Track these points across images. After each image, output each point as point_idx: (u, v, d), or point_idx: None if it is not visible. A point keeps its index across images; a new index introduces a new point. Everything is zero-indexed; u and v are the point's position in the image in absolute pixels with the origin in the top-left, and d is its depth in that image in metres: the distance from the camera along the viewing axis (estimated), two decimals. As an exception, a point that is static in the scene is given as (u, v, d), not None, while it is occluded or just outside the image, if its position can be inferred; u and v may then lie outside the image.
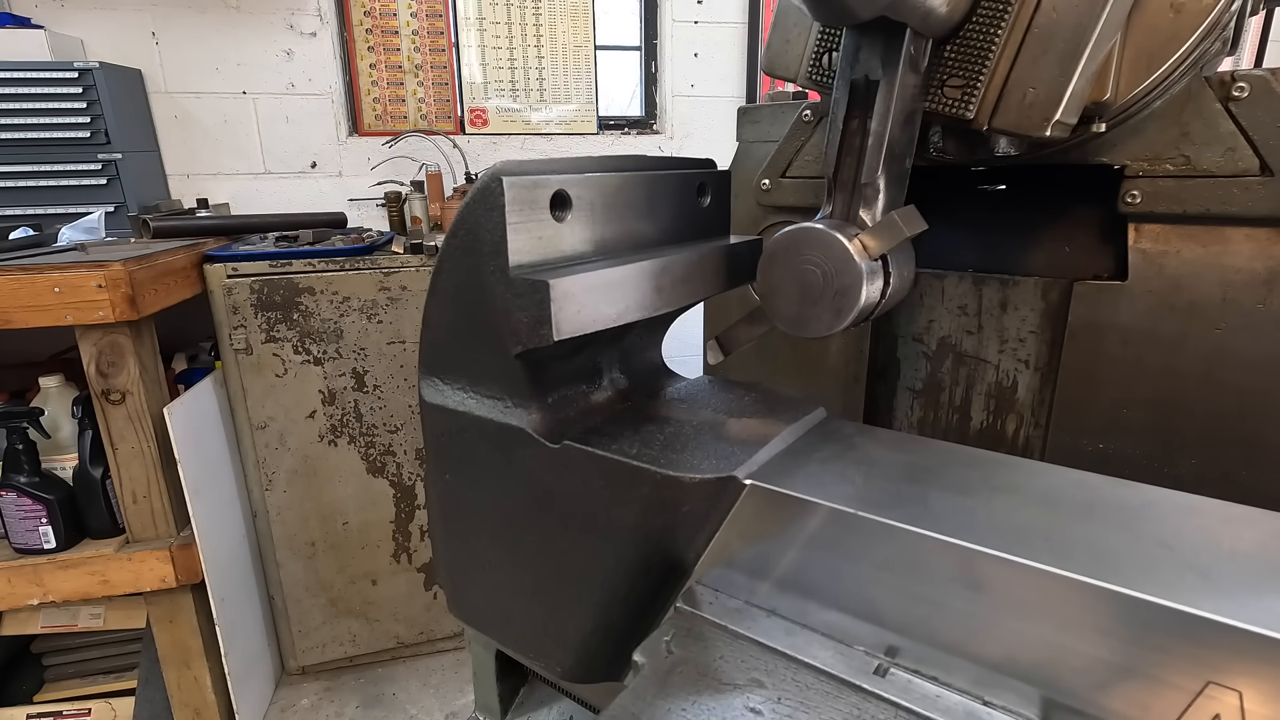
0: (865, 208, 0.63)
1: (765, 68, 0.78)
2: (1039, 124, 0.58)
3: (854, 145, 0.63)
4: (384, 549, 2.22)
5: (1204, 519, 0.48)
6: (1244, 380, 0.67)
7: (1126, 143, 0.69)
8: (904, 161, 0.64)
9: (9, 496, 1.60)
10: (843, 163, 0.64)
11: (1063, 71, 0.57)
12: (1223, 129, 0.65)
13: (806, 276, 0.62)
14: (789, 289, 0.64)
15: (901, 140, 0.63)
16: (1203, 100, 0.66)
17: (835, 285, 0.61)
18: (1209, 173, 0.66)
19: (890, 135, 0.61)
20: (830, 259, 0.61)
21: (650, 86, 3.24)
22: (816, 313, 0.62)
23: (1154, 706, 0.39)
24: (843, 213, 0.64)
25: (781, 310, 0.65)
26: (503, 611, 0.71)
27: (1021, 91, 0.59)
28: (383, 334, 2.04)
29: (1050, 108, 0.58)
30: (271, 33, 2.72)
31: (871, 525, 0.48)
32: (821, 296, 0.62)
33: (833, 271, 0.61)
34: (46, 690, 1.88)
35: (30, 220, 2.15)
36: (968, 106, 0.62)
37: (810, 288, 0.62)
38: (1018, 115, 0.59)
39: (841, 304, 0.61)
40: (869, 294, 0.61)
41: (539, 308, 0.54)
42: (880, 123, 0.61)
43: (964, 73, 0.61)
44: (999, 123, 0.60)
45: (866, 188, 0.62)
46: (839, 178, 0.64)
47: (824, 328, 0.63)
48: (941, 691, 0.46)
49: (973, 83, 0.61)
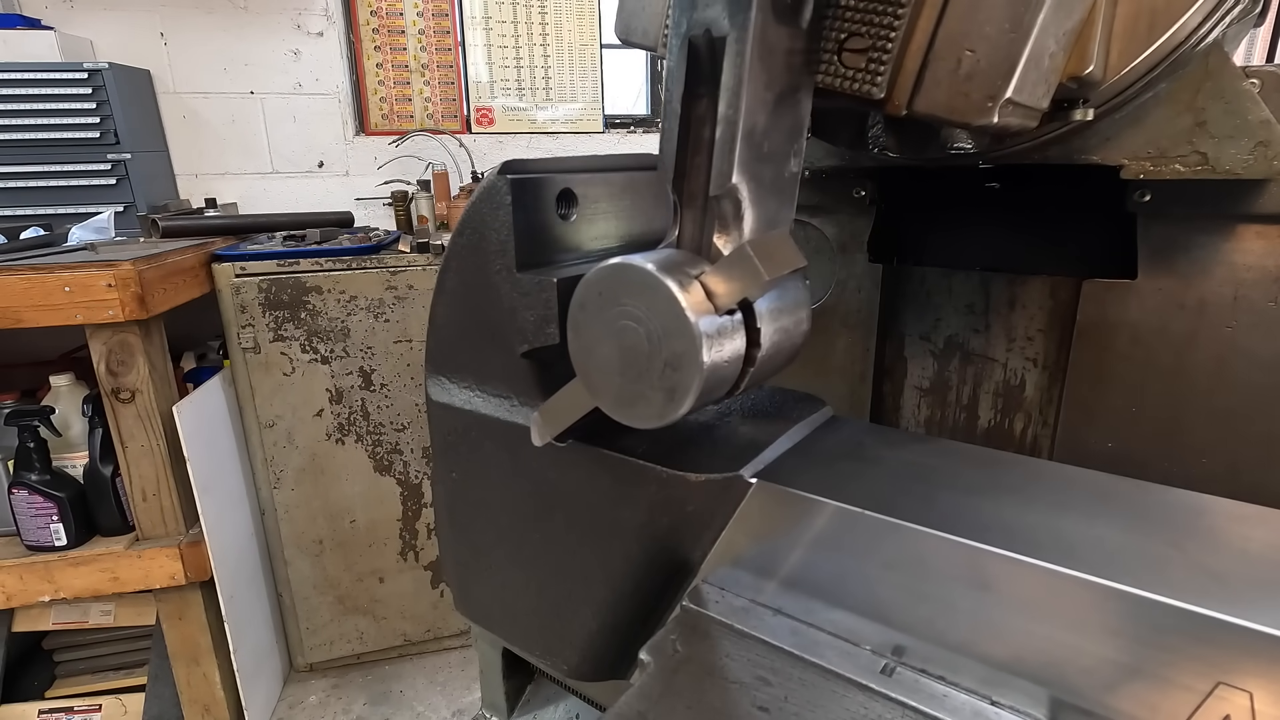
0: (722, 231, 0.44)
1: (619, 33, 0.62)
2: (980, 105, 0.40)
3: (702, 138, 0.44)
4: (391, 547, 2.23)
5: (1214, 518, 0.48)
6: (1255, 379, 0.66)
7: (1123, 135, 0.56)
8: (784, 161, 0.45)
9: (20, 494, 1.62)
10: (688, 165, 0.45)
11: (1014, 24, 0.38)
12: (1251, 117, 0.51)
13: (627, 337, 0.43)
14: (607, 356, 0.45)
15: (774, 130, 0.43)
16: (1224, 78, 0.50)
17: (664, 353, 0.42)
18: (1232, 174, 0.53)
19: (748, 123, 0.41)
20: (655, 313, 0.41)
21: (656, 85, 3.24)
22: (642, 391, 0.44)
23: (1163, 707, 0.39)
24: (692, 239, 0.45)
25: (599, 386, 0.47)
26: (509, 609, 0.72)
27: (954, 56, 0.40)
28: (389, 333, 2.05)
29: (997, 80, 0.40)
30: (279, 33, 2.73)
31: (878, 524, 0.48)
32: (648, 369, 0.43)
33: (659, 332, 0.42)
34: (58, 686, 1.90)
35: (41, 220, 2.17)
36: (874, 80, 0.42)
37: (634, 355, 0.43)
38: (950, 93, 0.41)
39: (674, 381, 0.42)
40: (716, 365, 0.42)
41: (545, 306, 0.54)
42: (731, 103, 0.41)
43: (868, 29, 0.42)
44: (923, 105, 0.42)
45: (721, 201, 0.43)
46: (685, 187, 0.45)
47: (654, 414, 0.44)
48: (949, 691, 0.46)
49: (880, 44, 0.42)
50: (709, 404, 0.47)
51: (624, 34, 0.61)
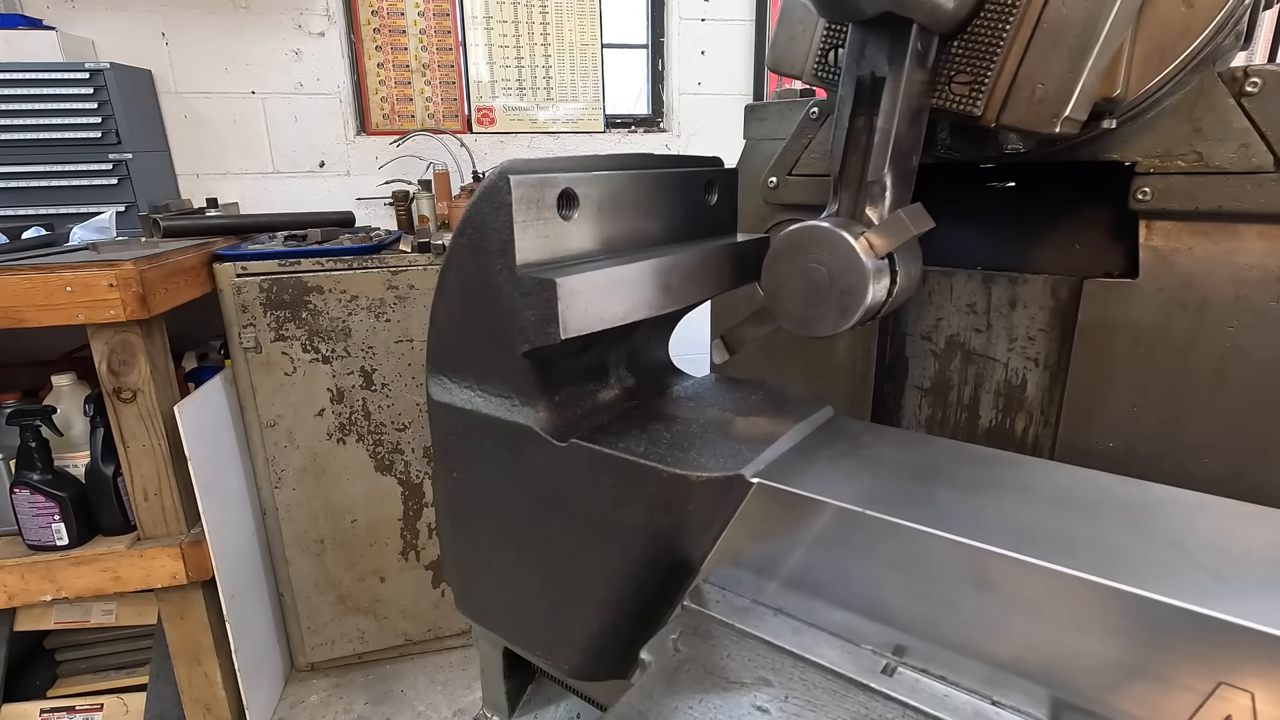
0: (871, 206, 0.63)
1: (771, 64, 0.78)
2: (1048, 120, 0.58)
3: (860, 143, 0.63)
4: (392, 547, 2.23)
5: (1216, 518, 0.48)
6: (1257, 379, 0.66)
7: (1137, 139, 0.69)
8: (910, 159, 0.64)
9: (22, 494, 1.62)
10: (848, 161, 0.64)
11: (1072, 67, 0.56)
12: (1236, 125, 0.64)
13: (812, 275, 0.62)
14: (794, 288, 0.63)
15: (908, 138, 0.62)
16: (1215, 95, 0.65)
17: (841, 284, 0.60)
18: (1221, 169, 0.65)
19: (896, 133, 0.60)
20: (836, 258, 0.60)
21: (657, 84, 3.24)
22: (822, 311, 0.62)
23: (1165, 707, 0.39)
24: (849, 211, 0.64)
25: (787, 309, 0.64)
26: (510, 609, 0.72)
27: (1030, 88, 0.58)
28: (390, 332, 2.05)
29: (1060, 104, 0.57)
30: (280, 33, 2.73)
31: (879, 524, 0.48)
32: (827, 295, 0.61)
33: (838, 270, 0.60)
34: (59, 685, 1.90)
35: (42, 220, 2.17)
36: (975, 103, 0.61)
37: (816, 287, 0.62)
38: (1026, 112, 0.59)
39: (847, 303, 0.61)
40: (875, 293, 0.61)
41: (546, 306, 0.54)
42: (886, 120, 0.60)
43: (971, 69, 0.61)
44: (1007, 119, 0.60)
45: (873, 186, 0.62)
46: (845, 176, 0.64)
47: (829, 327, 0.62)
48: (950, 691, 0.46)
49: (980, 79, 0.61)
50: (866, 321, 0.63)
51: (774, 65, 0.78)
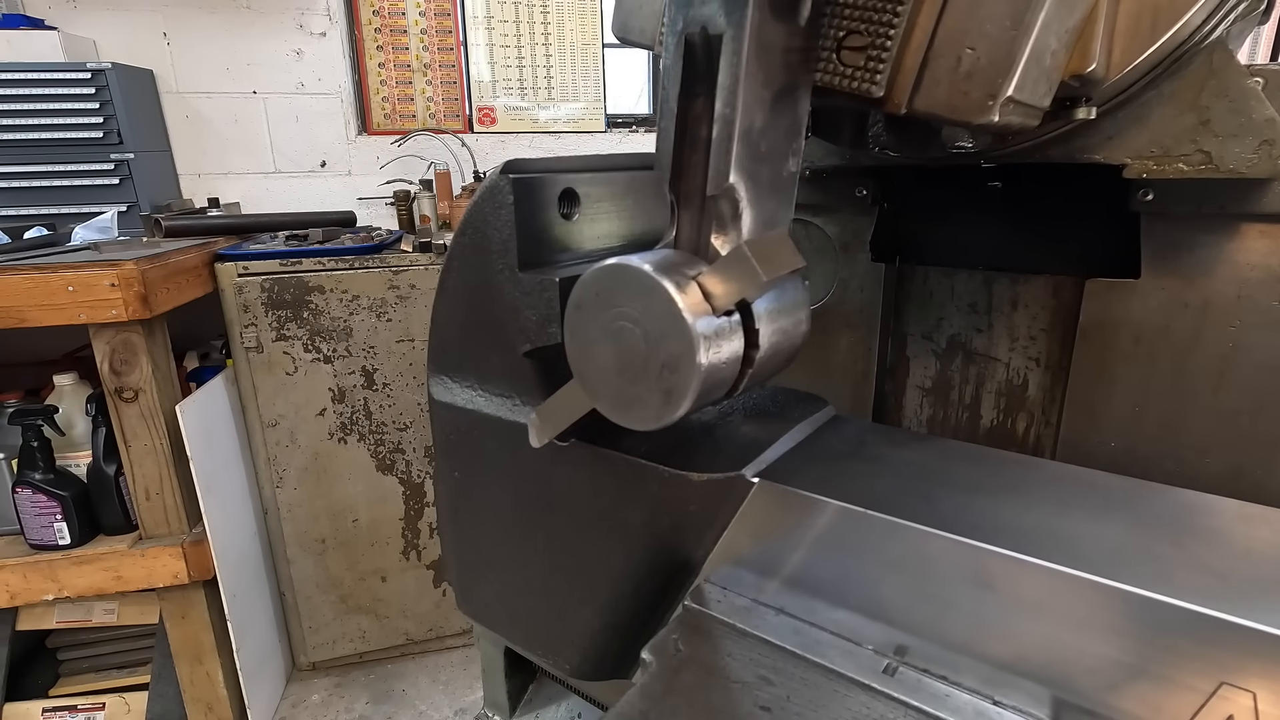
0: (719, 232, 0.44)
1: (616, 31, 0.62)
2: (980, 104, 0.40)
3: (699, 138, 0.43)
4: (393, 546, 2.23)
5: (1218, 518, 0.48)
6: (1259, 378, 0.66)
7: (1126, 134, 0.56)
8: (781, 162, 0.45)
9: (24, 493, 1.62)
10: (686, 164, 0.45)
11: (1015, 21, 0.38)
12: (1257, 115, 0.50)
13: (624, 339, 0.43)
14: (604, 358, 0.45)
15: (772, 129, 0.43)
16: (1229, 76, 0.50)
17: (661, 354, 0.42)
18: (1236, 173, 0.52)
19: (744, 121, 0.41)
20: (650, 315, 0.42)
21: (657, 84, 3.24)
22: (639, 393, 0.44)
23: (1166, 707, 0.39)
24: (689, 240, 0.45)
25: (597, 388, 0.47)
26: (511, 609, 0.72)
27: (954, 54, 0.40)
28: (392, 332, 2.05)
29: (997, 78, 0.40)
30: (281, 33, 2.73)
31: (881, 524, 0.48)
32: (644, 370, 0.43)
33: (656, 334, 0.42)
34: (61, 684, 1.90)
35: (44, 220, 2.17)
36: (874, 78, 0.42)
37: (629, 355, 0.43)
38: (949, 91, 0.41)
39: (671, 383, 0.42)
40: (714, 368, 0.42)
41: (547, 306, 0.54)
42: (727, 101, 0.40)
43: (866, 27, 0.42)
44: (923, 103, 0.42)
45: (718, 202, 0.43)
46: (682, 187, 0.45)
47: (651, 417, 0.44)
48: (951, 691, 0.46)
49: (880, 42, 0.41)
50: (707, 405, 0.47)
51: (621, 32, 0.61)
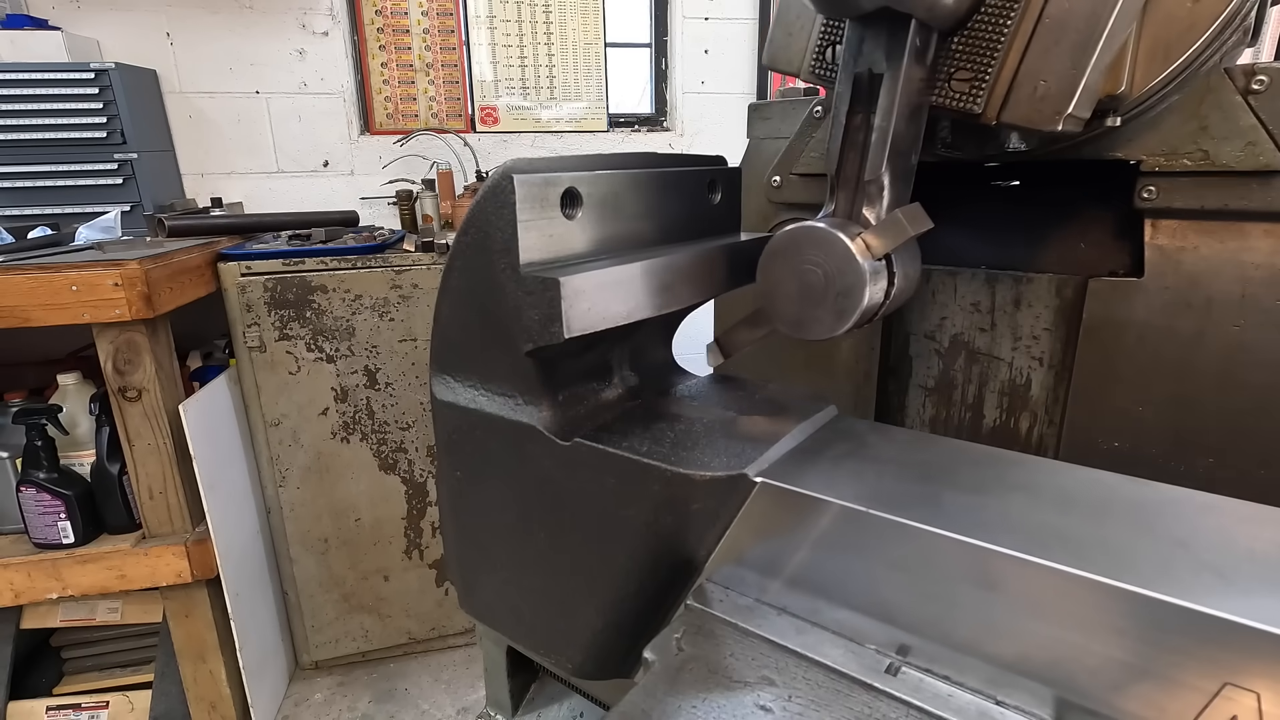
0: (869, 206, 0.61)
1: (767, 62, 0.77)
2: (1050, 118, 0.56)
3: (857, 141, 0.62)
4: (396, 545, 2.23)
5: (1221, 518, 0.48)
6: (1262, 378, 0.66)
7: (1142, 137, 0.68)
8: (909, 158, 0.63)
9: (28, 492, 1.63)
10: (845, 159, 0.62)
11: (1075, 63, 0.55)
12: (1243, 122, 0.63)
13: (808, 277, 0.60)
14: (790, 289, 0.62)
15: (906, 136, 0.61)
16: (1222, 93, 0.64)
17: (837, 286, 0.59)
18: (1228, 168, 0.64)
19: (895, 131, 0.59)
20: (832, 259, 0.59)
21: (660, 83, 3.24)
22: (818, 314, 0.60)
23: (1170, 708, 0.39)
24: (845, 211, 0.63)
25: (783, 311, 0.63)
26: (514, 608, 0.72)
27: (1032, 84, 0.57)
28: (394, 332, 2.06)
29: (1062, 101, 0.56)
30: (284, 32, 2.74)
31: (883, 524, 0.48)
32: (823, 297, 0.60)
33: (834, 272, 0.59)
34: (65, 683, 1.91)
35: (48, 220, 2.18)
36: (975, 100, 0.59)
37: (812, 288, 0.60)
38: (1028, 109, 0.57)
39: (844, 305, 0.59)
40: (872, 295, 0.59)
41: (550, 305, 0.54)
42: (884, 118, 0.59)
43: (972, 65, 0.59)
44: (1008, 117, 0.58)
45: (870, 185, 0.61)
46: (842, 175, 0.63)
47: (826, 330, 0.61)
48: (954, 691, 0.46)
49: (981, 76, 0.59)
50: (863, 324, 0.62)
51: (770, 63, 0.76)
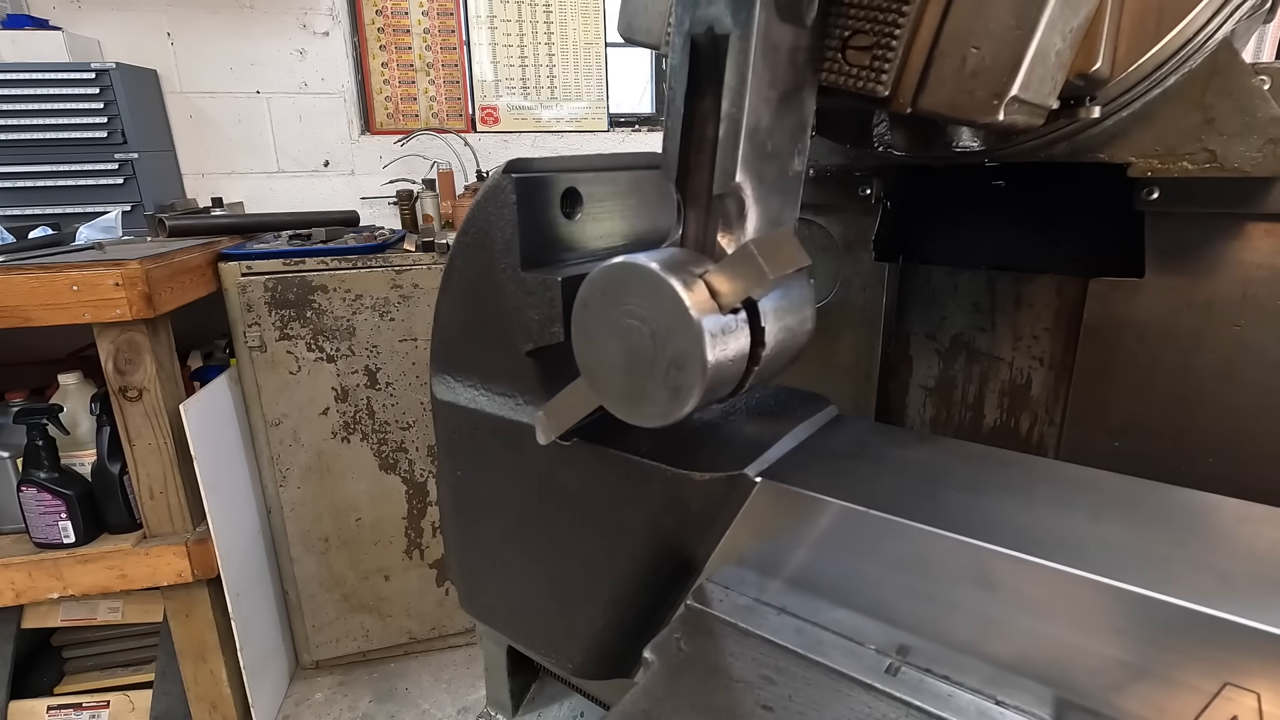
0: (725, 230, 0.44)
1: (622, 30, 0.62)
2: (986, 103, 0.40)
3: (705, 137, 0.44)
4: (396, 545, 2.23)
5: (1221, 518, 0.48)
6: (1263, 378, 0.66)
7: (1132, 133, 0.56)
8: (788, 160, 0.45)
9: (29, 492, 1.63)
10: (692, 163, 0.45)
11: (1020, 20, 0.38)
12: (1261, 114, 0.50)
13: (630, 337, 0.44)
14: (611, 354, 0.45)
15: (779, 129, 0.43)
16: (1233, 75, 0.50)
17: (668, 352, 0.42)
18: (1241, 171, 0.53)
19: (751, 121, 0.41)
20: (657, 313, 0.42)
21: (661, 83, 3.24)
22: (648, 389, 0.44)
23: (1170, 708, 0.39)
24: (696, 239, 0.46)
25: (605, 385, 0.47)
26: (514, 608, 0.72)
27: (959, 53, 0.40)
28: (395, 331, 2.06)
29: (1002, 77, 0.39)
30: (285, 32, 2.74)
31: (883, 523, 0.48)
32: (652, 368, 0.43)
33: (663, 331, 0.42)
34: (66, 682, 1.91)
35: (49, 219, 2.18)
36: (879, 78, 0.42)
37: (637, 354, 0.44)
38: (954, 90, 0.40)
39: (678, 380, 0.42)
40: (720, 365, 0.42)
41: (549, 305, 0.54)
42: (734, 101, 0.40)
43: (872, 26, 0.42)
44: (928, 102, 0.41)
45: (725, 200, 0.43)
46: (689, 185, 0.45)
47: (658, 414, 0.44)
48: (954, 690, 0.46)
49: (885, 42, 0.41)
50: (713, 402, 0.48)
51: (626, 32, 0.62)
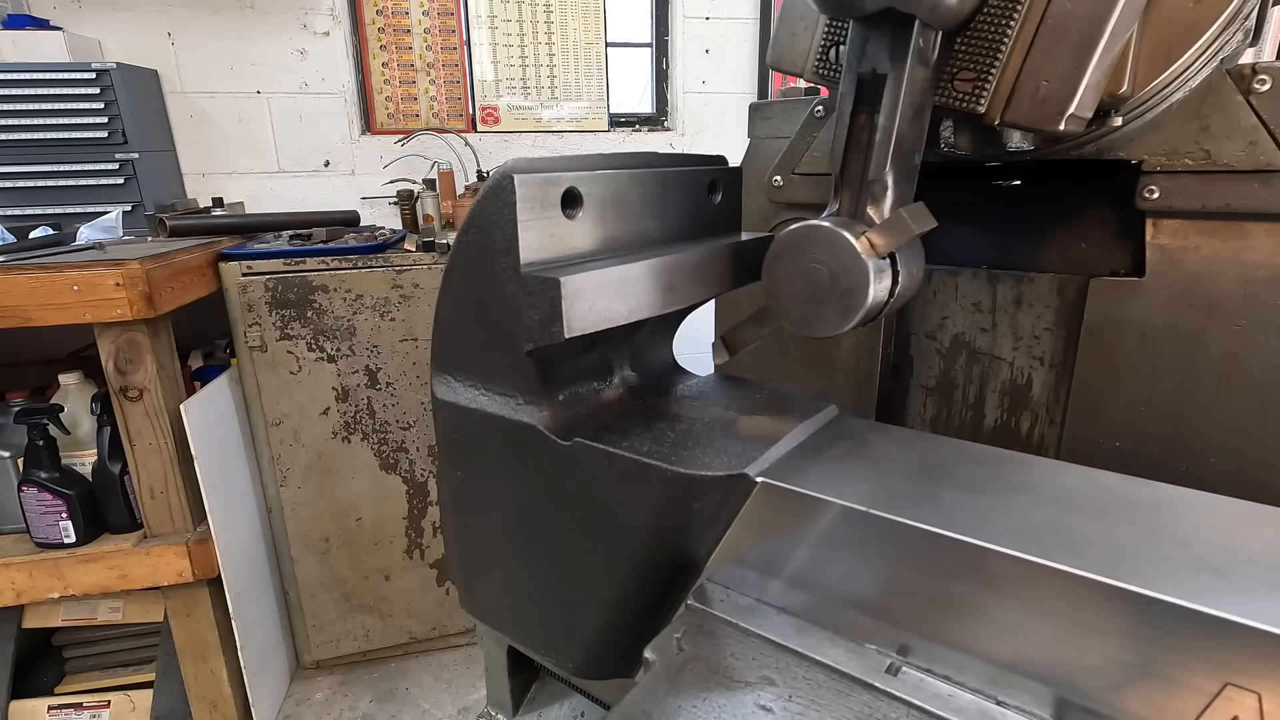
0: (873, 205, 0.62)
1: (771, 62, 0.78)
2: (1052, 118, 0.57)
3: (861, 141, 0.62)
4: (397, 545, 2.24)
5: (1222, 518, 0.48)
6: (1264, 377, 0.66)
7: (1144, 137, 0.68)
8: (913, 157, 0.63)
9: (30, 492, 1.63)
10: (850, 159, 0.63)
11: (1077, 63, 0.55)
12: (1244, 122, 0.64)
13: (812, 275, 0.61)
14: (795, 288, 0.62)
15: (910, 136, 0.61)
16: (1224, 93, 0.64)
17: (842, 284, 0.59)
18: (1230, 167, 0.64)
19: (898, 130, 0.59)
20: (836, 257, 0.59)
21: (661, 83, 3.24)
22: (823, 312, 0.61)
23: (1170, 708, 0.39)
24: (850, 210, 0.63)
25: (788, 309, 0.63)
26: (514, 608, 0.72)
27: (1034, 85, 0.58)
28: (395, 331, 2.06)
29: (1064, 101, 0.56)
30: (285, 32, 2.74)
31: (884, 523, 0.48)
32: (828, 295, 0.60)
33: (839, 270, 0.59)
34: (67, 682, 1.91)
35: (49, 219, 2.19)
36: (979, 100, 0.60)
37: (817, 286, 0.61)
38: (1030, 109, 0.58)
39: (848, 303, 0.60)
40: (876, 293, 0.59)
41: (550, 305, 0.54)
42: (888, 118, 0.59)
43: (975, 65, 0.60)
44: (1011, 117, 0.59)
45: (874, 184, 0.61)
46: (846, 174, 0.63)
47: (830, 327, 0.61)
48: (954, 690, 0.46)
49: (984, 76, 0.60)
50: (867, 321, 0.62)
51: (775, 63, 0.77)
